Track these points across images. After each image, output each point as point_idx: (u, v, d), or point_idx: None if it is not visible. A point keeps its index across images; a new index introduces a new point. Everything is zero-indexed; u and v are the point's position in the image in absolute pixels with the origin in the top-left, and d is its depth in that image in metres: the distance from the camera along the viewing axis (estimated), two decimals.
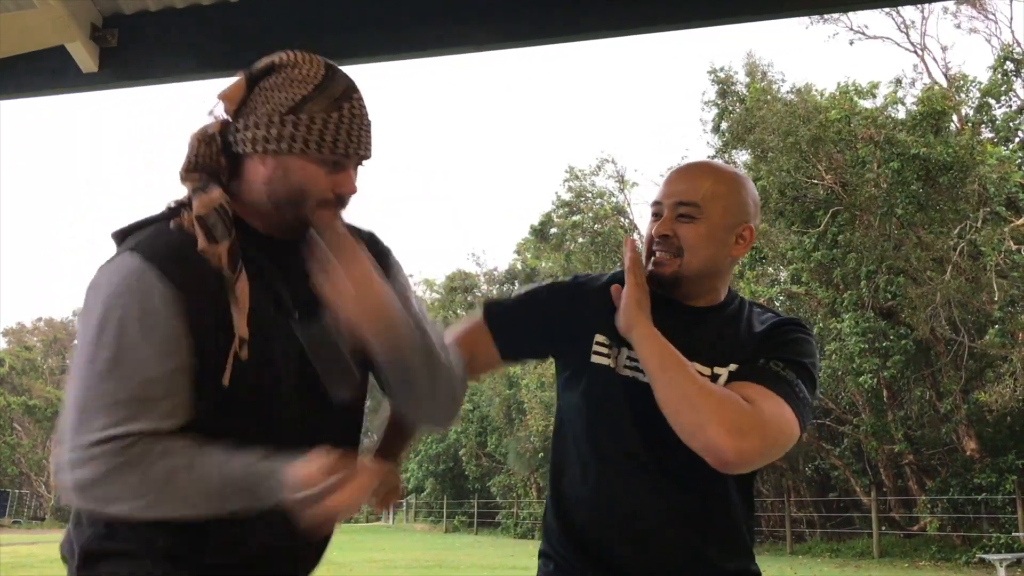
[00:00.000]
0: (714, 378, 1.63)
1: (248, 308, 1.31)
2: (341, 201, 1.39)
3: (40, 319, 53.62)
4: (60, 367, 51.04)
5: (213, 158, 1.37)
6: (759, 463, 1.52)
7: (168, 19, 2.89)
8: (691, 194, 1.66)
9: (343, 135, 1.34)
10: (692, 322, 1.70)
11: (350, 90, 1.37)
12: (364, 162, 1.41)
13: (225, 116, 1.39)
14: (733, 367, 1.64)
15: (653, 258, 1.69)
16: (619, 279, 1.75)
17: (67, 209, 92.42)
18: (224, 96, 1.37)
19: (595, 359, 1.70)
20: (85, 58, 2.81)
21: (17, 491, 45.02)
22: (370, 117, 1.40)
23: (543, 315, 1.79)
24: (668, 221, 1.67)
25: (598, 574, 1.65)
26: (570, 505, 1.71)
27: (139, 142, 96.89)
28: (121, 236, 1.37)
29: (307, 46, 2.73)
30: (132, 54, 2.89)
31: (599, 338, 1.71)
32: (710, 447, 1.47)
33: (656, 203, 1.71)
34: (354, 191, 1.40)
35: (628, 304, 1.64)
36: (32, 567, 16.59)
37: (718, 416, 1.47)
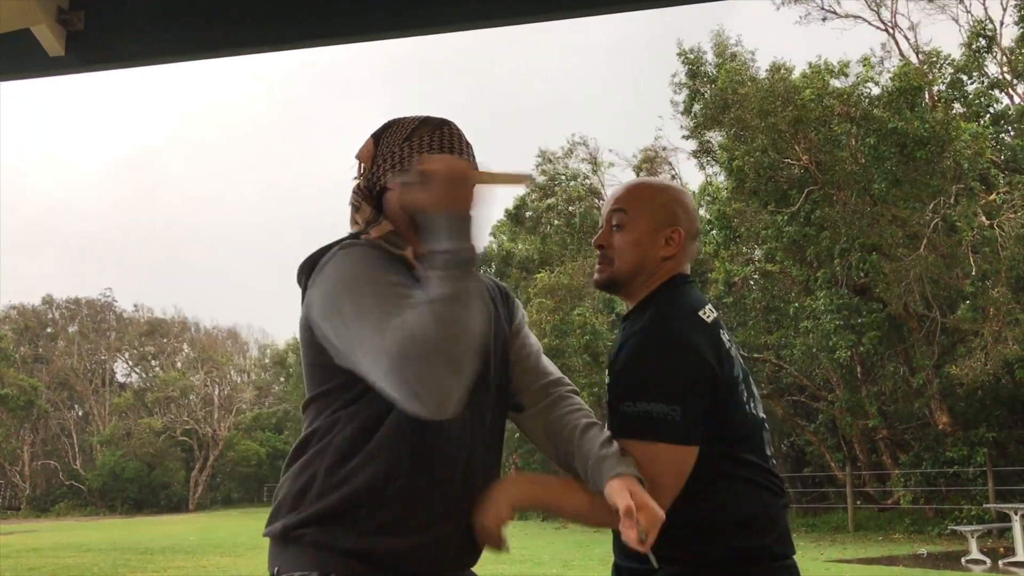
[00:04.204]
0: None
1: None
2: None
3: (12, 307, 52.61)
4: (32, 355, 50.24)
5: (366, 203, 1.68)
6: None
7: (136, 2, 2.85)
8: (620, 202, 1.89)
9: (447, 142, 1.68)
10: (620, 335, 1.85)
11: (448, 121, 1.73)
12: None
13: (362, 171, 1.71)
14: (606, 378, 1.79)
15: (596, 266, 1.92)
16: None
17: (36, 194, 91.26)
18: (359, 156, 1.73)
19: None
20: (51, 41, 2.76)
21: None
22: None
23: None
24: (605, 233, 1.89)
25: None
26: None
27: (110, 126, 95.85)
28: (319, 255, 1.61)
29: (281, 26, 2.70)
30: (99, 37, 2.84)
31: None
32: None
33: (602, 217, 1.95)
34: None
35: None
36: (8, 557, 16.49)
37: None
